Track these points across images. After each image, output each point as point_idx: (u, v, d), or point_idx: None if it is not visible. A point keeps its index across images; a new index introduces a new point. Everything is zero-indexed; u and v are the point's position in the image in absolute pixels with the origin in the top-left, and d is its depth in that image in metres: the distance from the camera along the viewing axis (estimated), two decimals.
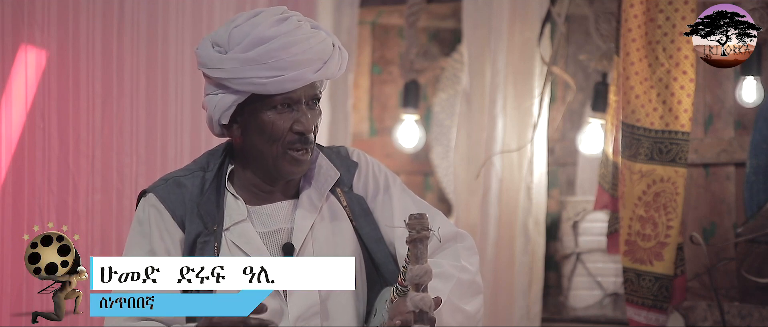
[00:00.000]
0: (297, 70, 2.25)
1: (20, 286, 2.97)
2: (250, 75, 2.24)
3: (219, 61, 2.27)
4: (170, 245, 2.30)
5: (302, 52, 2.26)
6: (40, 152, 3.06)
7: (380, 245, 2.37)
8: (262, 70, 2.24)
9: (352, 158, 2.44)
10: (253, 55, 2.24)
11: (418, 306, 2.09)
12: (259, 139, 2.30)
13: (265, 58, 2.24)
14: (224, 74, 2.26)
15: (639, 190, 3.49)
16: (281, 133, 2.28)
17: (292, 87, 2.26)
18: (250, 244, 2.30)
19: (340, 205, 2.38)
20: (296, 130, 2.29)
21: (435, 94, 4.57)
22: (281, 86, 2.26)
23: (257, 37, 2.25)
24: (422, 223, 2.09)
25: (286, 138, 2.29)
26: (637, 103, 3.48)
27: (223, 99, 2.29)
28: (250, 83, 2.25)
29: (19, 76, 3.02)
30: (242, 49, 2.25)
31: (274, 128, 2.28)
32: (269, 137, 2.29)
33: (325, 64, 2.29)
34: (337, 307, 2.31)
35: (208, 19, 3.46)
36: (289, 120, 2.29)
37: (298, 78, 2.26)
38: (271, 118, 2.28)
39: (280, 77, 2.25)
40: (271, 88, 2.25)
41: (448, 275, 2.28)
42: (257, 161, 2.33)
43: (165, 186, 2.34)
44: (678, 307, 3.63)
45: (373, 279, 2.37)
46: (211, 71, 2.29)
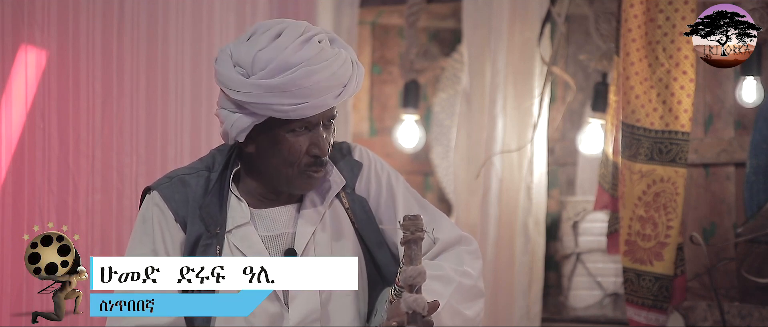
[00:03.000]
0: (319, 98, 2.24)
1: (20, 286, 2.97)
2: (272, 101, 2.22)
3: (241, 84, 2.24)
4: (170, 247, 2.30)
5: (325, 80, 2.23)
6: (40, 152, 3.05)
7: (382, 247, 2.37)
8: (285, 98, 2.22)
9: (355, 157, 2.44)
10: (276, 82, 2.21)
11: (411, 307, 2.09)
12: (275, 159, 2.29)
13: (289, 86, 2.21)
14: (246, 98, 2.23)
15: (639, 190, 3.49)
16: (298, 156, 2.28)
17: (313, 113, 2.25)
18: (252, 248, 2.30)
19: (343, 207, 2.38)
20: (313, 153, 2.29)
21: (435, 94, 4.57)
22: (303, 113, 2.24)
23: (282, 62, 2.21)
24: (416, 224, 2.09)
25: (302, 161, 2.29)
26: (637, 103, 3.48)
27: (240, 119, 2.27)
28: (272, 110, 2.23)
29: (19, 76, 3.02)
30: (266, 75, 2.22)
31: (291, 151, 2.28)
32: (286, 160, 2.28)
33: (345, 87, 2.27)
34: (337, 311, 2.31)
35: (208, 19, 3.46)
36: (306, 142, 2.28)
37: (319, 105, 2.25)
38: (289, 140, 2.27)
39: (303, 105, 2.23)
40: (293, 115, 2.24)
41: (450, 279, 2.28)
42: (270, 177, 2.32)
43: (170, 184, 2.34)
44: (678, 307, 3.63)
45: (375, 281, 2.37)
46: (231, 92, 2.26)
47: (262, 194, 2.35)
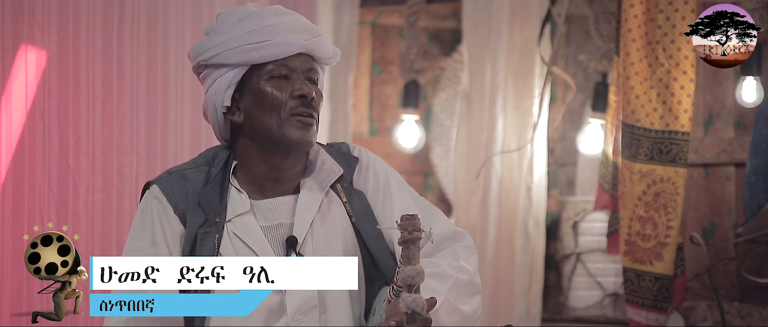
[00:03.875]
0: (287, 35, 2.30)
1: (20, 286, 2.97)
2: (242, 42, 2.28)
3: (210, 41, 2.32)
4: (170, 239, 2.30)
5: (291, 22, 2.32)
6: (40, 152, 3.05)
7: (379, 242, 2.37)
8: (252, 37, 2.28)
9: (353, 154, 2.45)
10: (242, 24, 2.30)
11: (410, 307, 2.09)
12: (261, 113, 2.31)
13: (255, 24, 2.29)
14: (218, 49, 2.30)
15: (639, 190, 3.49)
16: (282, 101, 2.30)
17: (285, 51, 2.30)
18: (251, 236, 2.30)
19: (340, 201, 2.38)
20: (297, 94, 2.31)
21: (435, 94, 4.57)
22: (274, 50, 2.29)
23: (244, 11, 2.32)
24: (414, 223, 2.09)
25: (288, 104, 2.30)
26: (637, 103, 3.48)
27: (221, 80, 2.32)
28: (244, 50, 2.29)
29: (19, 76, 3.02)
30: (231, 23, 2.31)
31: (273, 97, 2.30)
32: (270, 106, 2.30)
33: (315, 38, 2.33)
34: (335, 302, 2.31)
35: (209, 19, 3.45)
36: (288, 87, 2.31)
37: (289, 42, 2.30)
38: (269, 88, 2.30)
39: (271, 41, 2.29)
40: (265, 52, 2.29)
41: (446, 275, 2.28)
42: (263, 138, 2.32)
43: (169, 179, 2.35)
44: (678, 307, 3.63)
45: (372, 276, 2.36)
46: (204, 55, 2.32)
47: (260, 181, 2.35)
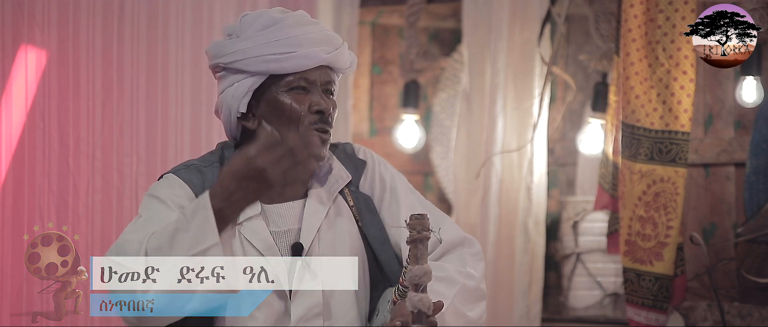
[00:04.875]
0: (309, 48, 2.28)
1: (20, 286, 2.97)
2: (264, 52, 2.27)
3: (232, 45, 2.30)
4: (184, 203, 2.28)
5: (313, 33, 2.29)
6: (40, 152, 3.05)
7: (385, 246, 2.38)
8: (275, 47, 2.27)
9: (359, 156, 2.44)
10: (266, 32, 2.28)
11: (416, 306, 2.09)
12: (278, 123, 2.30)
13: (279, 34, 2.27)
14: (239, 56, 2.28)
15: (639, 190, 3.49)
16: (300, 114, 2.29)
17: (307, 64, 2.28)
18: (262, 241, 2.30)
19: (347, 204, 2.39)
20: (315, 109, 2.30)
21: (435, 94, 4.57)
22: (296, 63, 2.28)
23: (269, 18, 2.30)
24: (423, 223, 2.09)
25: (306, 119, 2.29)
26: (637, 103, 3.48)
27: (238, 86, 2.30)
28: (265, 61, 2.27)
29: (19, 76, 3.02)
30: (255, 29, 2.29)
31: (292, 110, 2.29)
32: (288, 118, 2.29)
33: (336, 50, 2.31)
34: (339, 307, 2.31)
35: (208, 19, 3.46)
36: (306, 101, 2.30)
37: (311, 55, 2.28)
38: (287, 100, 2.29)
39: (294, 53, 2.27)
40: (286, 64, 2.27)
41: (454, 280, 2.29)
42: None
43: (187, 170, 2.35)
44: (678, 307, 3.63)
45: (377, 279, 2.37)
46: (224, 58, 2.30)
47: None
